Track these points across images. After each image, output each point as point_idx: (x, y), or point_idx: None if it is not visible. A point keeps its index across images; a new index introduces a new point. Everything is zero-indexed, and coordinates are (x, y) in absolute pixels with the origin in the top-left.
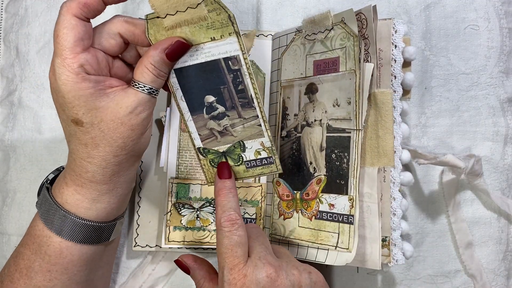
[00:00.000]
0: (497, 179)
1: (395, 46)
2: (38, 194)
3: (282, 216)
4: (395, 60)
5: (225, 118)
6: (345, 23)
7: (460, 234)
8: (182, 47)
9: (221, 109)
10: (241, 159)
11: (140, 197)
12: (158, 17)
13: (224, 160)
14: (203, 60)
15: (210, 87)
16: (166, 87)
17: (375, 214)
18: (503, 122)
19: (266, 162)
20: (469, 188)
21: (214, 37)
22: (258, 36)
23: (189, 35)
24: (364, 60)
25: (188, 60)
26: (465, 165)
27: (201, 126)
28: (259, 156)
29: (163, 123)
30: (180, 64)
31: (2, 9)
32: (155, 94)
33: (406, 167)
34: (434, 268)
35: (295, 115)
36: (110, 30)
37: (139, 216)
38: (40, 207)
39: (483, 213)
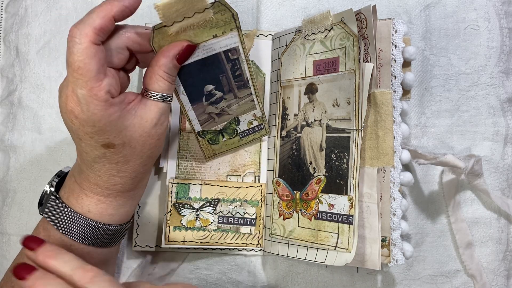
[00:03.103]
0: (497, 179)
1: (395, 46)
2: (40, 201)
3: (282, 216)
4: (395, 60)
5: (222, 101)
6: (344, 23)
7: (460, 234)
8: (190, 50)
9: (219, 94)
10: (235, 132)
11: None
12: (165, 26)
13: (221, 136)
14: (203, 56)
15: (210, 77)
16: None
17: (375, 214)
18: (503, 122)
19: (257, 129)
20: (469, 188)
21: (216, 35)
22: (258, 36)
23: (193, 37)
24: (363, 60)
25: (190, 58)
26: (465, 165)
27: (200, 113)
28: (251, 126)
29: None
30: None
31: (2, 9)
32: (170, 100)
33: (406, 167)
34: (434, 268)
35: (295, 115)
36: (117, 45)
37: (139, 216)
38: (54, 216)
39: (483, 213)
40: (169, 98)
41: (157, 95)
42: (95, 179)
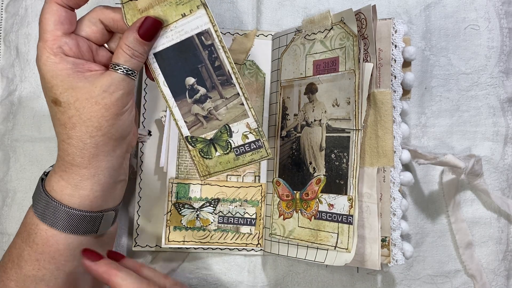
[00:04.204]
0: (497, 179)
1: (395, 46)
2: None
3: (282, 216)
4: (395, 60)
5: (207, 101)
6: (344, 23)
7: (460, 234)
8: (152, 24)
9: (202, 90)
10: (229, 146)
11: (140, 197)
12: (132, 0)
13: (213, 148)
14: (178, 40)
15: (189, 68)
16: (148, 72)
17: (375, 214)
18: (503, 122)
19: (254, 146)
20: (469, 188)
21: (184, 13)
22: (258, 36)
23: (162, 15)
24: (363, 60)
25: (165, 42)
26: (465, 165)
27: (186, 112)
28: (247, 140)
29: (163, 123)
30: (159, 47)
31: (2, 9)
32: (131, 75)
33: (406, 167)
34: (434, 268)
35: (295, 115)
36: (91, 17)
37: (139, 216)
38: (33, 196)
39: (483, 213)
40: (128, 71)
41: (114, 65)
42: (58, 148)
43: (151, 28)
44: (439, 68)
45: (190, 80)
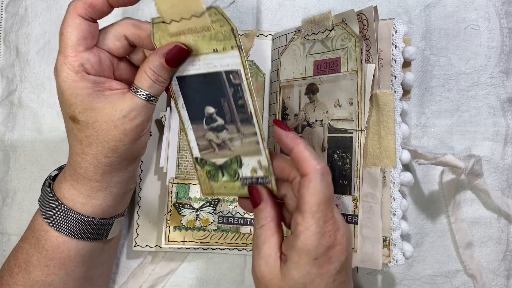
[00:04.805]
0: (497, 179)
1: (395, 46)
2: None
3: None
4: (395, 60)
5: (224, 131)
6: (346, 24)
7: (460, 234)
8: (181, 53)
9: (220, 121)
10: (237, 175)
11: (140, 197)
12: (163, 22)
13: (221, 173)
14: (205, 71)
15: (211, 99)
16: (168, 91)
17: (378, 214)
18: (503, 122)
19: (262, 181)
20: (469, 188)
21: (216, 49)
22: (258, 36)
23: (192, 44)
24: (365, 60)
25: (191, 69)
26: (465, 165)
27: (200, 136)
28: (255, 174)
29: (163, 123)
30: (183, 72)
31: (2, 9)
32: (153, 101)
33: (406, 167)
34: (434, 268)
35: (295, 115)
36: (116, 31)
37: (139, 216)
38: (41, 202)
39: (483, 213)
40: (149, 97)
41: (138, 90)
42: (69, 157)
43: (179, 57)
44: (439, 68)
45: (210, 110)
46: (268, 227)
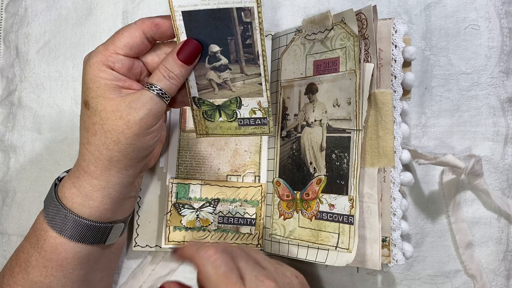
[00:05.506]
0: (497, 179)
1: (395, 46)
2: None
3: (282, 216)
4: (395, 60)
5: (226, 71)
6: (345, 23)
7: (460, 234)
8: (192, 47)
9: (224, 60)
10: (235, 115)
11: (140, 197)
12: None
13: (218, 113)
14: (214, 6)
15: (217, 36)
16: (172, 32)
17: (375, 215)
18: (504, 122)
19: (259, 122)
20: (469, 188)
21: None
22: None
23: None
24: (364, 60)
25: (198, 4)
26: (465, 165)
27: (200, 75)
28: (253, 115)
29: None
30: (190, 7)
31: (2, 9)
32: (163, 97)
33: (406, 167)
34: (434, 268)
35: (295, 115)
36: (161, 52)
37: (139, 216)
38: (45, 202)
39: (483, 213)
40: (161, 93)
41: (151, 86)
42: (79, 151)
43: (191, 51)
44: (439, 68)
45: (215, 48)
46: None
